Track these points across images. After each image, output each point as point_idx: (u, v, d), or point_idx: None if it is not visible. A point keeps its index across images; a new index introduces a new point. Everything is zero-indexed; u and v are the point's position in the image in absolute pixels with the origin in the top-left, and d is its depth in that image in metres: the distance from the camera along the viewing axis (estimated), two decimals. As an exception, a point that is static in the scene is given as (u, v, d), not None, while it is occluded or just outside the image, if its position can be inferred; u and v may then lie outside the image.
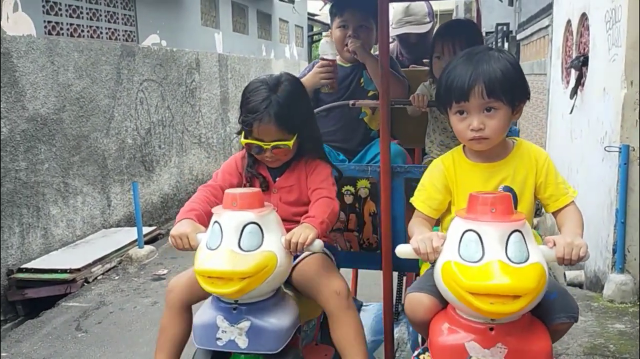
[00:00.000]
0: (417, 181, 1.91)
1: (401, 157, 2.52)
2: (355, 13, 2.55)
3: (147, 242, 5.61)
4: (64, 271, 4.71)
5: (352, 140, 2.62)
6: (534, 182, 1.75)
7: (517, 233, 1.43)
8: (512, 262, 1.40)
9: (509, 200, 1.48)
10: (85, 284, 4.77)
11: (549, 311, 1.59)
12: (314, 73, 2.50)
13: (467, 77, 1.64)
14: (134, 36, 6.65)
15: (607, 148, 3.85)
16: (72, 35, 5.61)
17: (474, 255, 1.43)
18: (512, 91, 1.65)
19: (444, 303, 1.59)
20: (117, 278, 4.97)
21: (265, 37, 12.16)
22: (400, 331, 2.66)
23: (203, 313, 1.75)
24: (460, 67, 1.68)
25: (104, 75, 6.02)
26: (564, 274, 4.26)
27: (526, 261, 1.41)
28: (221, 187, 2.01)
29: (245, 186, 2.04)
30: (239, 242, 1.63)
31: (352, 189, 2.33)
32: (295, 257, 1.92)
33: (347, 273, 3.41)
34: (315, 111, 2.38)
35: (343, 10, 2.57)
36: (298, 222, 1.95)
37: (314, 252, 1.88)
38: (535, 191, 1.76)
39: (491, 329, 1.46)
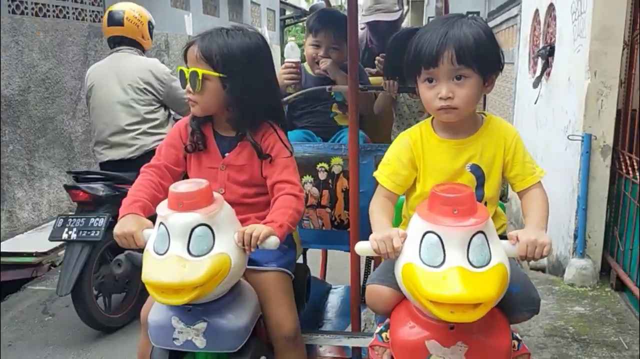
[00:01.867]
0: None
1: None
2: (328, 35, 2.63)
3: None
4: (30, 254, 4.61)
5: (323, 134, 2.70)
6: (502, 160, 1.71)
7: (479, 234, 1.39)
8: (474, 267, 1.37)
9: (472, 199, 1.43)
10: (52, 267, 4.70)
11: (511, 305, 1.59)
12: (279, 74, 2.56)
13: (437, 41, 1.55)
14: (102, 16, 6.51)
15: (570, 137, 3.95)
16: (37, 15, 5.47)
17: (434, 259, 1.39)
18: (484, 59, 1.58)
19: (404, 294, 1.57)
20: (84, 261, 4.90)
21: (236, 20, 12.03)
22: (368, 313, 2.71)
23: (157, 312, 1.67)
24: (430, 31, 1.59)
25: (70, 56, 5.89)
26: (527, 259, 4.37)
27: (488, 263, 1.38)
28: (166, 166, 1.90)
29: (188, 157, 1.94)
30: (187, 247, 1.51)
31: (326, 166, 2.39)
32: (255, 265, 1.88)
33: (316, 257, 3.46)
34: (289, 98, 2.44)
35: (318, 31, 2.66)
36: (248, 205, 1.89)
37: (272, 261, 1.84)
38: (503, 169, 1.73)
39: (451, 328, 1.45)
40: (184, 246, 1.50)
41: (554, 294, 3.87)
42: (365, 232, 2.05)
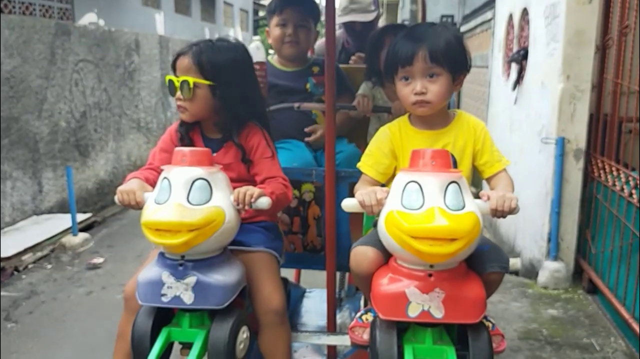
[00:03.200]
0: None
1: (359, 157, 2.54)
2: (295, 12, 2.53)
3: (82, 230, 5.40)
4: (-8, 259, 4.47)
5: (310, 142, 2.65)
6: (472, 149, 1.90)
7: (454, 184, 1.54)
8: (450, 209, 1.49)
9: (447, 154, 1.61)
10: (15, 273, 4.54)
11: (482, 261, 1.72)
12: None
13: (413, 43, 1.77)
14: (70, 14, 6.37)
15: (543, 140, 3.97)
16: (2, 12, 5.30)
17: (415, 203, 1.52)
18: (454, 59, 1.79)
19: (386, 257, 1.68)
20: (49, 266, 4.76)
21: (208, 20, 11.91)
22: (343, 317, 2.68)
23: (148, 270, 1.74)
24: (406, 38, 1.82)
25: (36, 54, 5.71)
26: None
27: (462, 209, 1.51)
28: (160, 169, 1.96)
29: None
30: (187, 197, 1.64)
31: (297, 192, 2.35)
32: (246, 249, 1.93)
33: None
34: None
35: (283, 9, 2.54)
36: None
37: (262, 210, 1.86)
38: (473, 157, 1.90)
39: (430, 275, 1.55)
40: (184, 195, 1.63)
41: (527, 297, 3.88)
42: (340, 255, 2.05)
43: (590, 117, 3.85)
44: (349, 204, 1.66)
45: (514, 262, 4.40)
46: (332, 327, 2.24)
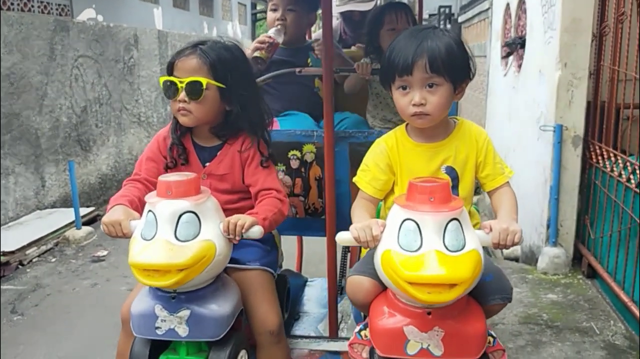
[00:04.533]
0: (361, 144, 1.92)
1: (365, 125, 2.58)
2: None
3: (85, 224, 5.43)
4: (-3, 253, 4.51)
5: (312, 113, 2.66)
6: (475, 161, 1.79)
7: (454, 221, 1.45)
8: (449, 251, 1.42)
9: (447, 188, 1.50)
10: (20, 266, 4.58)
11: (484, 293, 1.65)
12: (252, 48, 2.52)
13: (412, 51, 1.64)
14: (68, 10, 6.38)
15: (542, 127, 4.00)
16: (1, 8, 5.32)
17: (412, 244, 1.44)
18: (455, 68, 1.67)
19: (384, 285, 1.61)
20: (53, 260, 4.80)
21: (207, 14, 11.90)
22: (344, 304, 2.71)
23: (140, 302, 1.69)
24: (404, 42, 1.69)
25: (35, 50, 5.73)
26: (501, 250, 4.42)
27: (462, 248, 1.43)
28: (147, 180, 1.90)
29: (169, 169, 1.94)
30: (175, 232, 1.55)
31: (298, 153, 2.35)
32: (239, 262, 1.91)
33: (292, 251, 3.43)
34: (262, 78, 2.40)
35: None
36: (231, 211, 1.87)
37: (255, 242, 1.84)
38: (475, 169, 1.80)
39: (429, 313, 1.50)
40: (171, 232, 1.55)
41: (527, 282, 3.91)
42: (341, 219, 2.05)
43: (588, 105, 3.88)
44: (343, 238, 1.58)
45: (514, 249, 4.44)
46: (333, 333, 2.25)
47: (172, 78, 1.82)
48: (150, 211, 1.59)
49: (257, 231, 1.66)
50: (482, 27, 7.32)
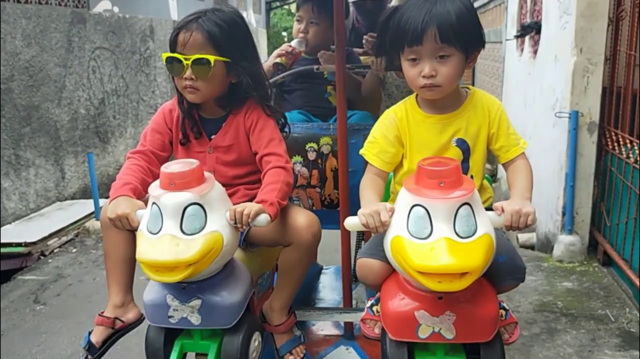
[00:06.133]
0: None
1: (373, 120, 2.60)
2: (309, 10, 2.66)
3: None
4: (19, 244, 4.60)
5: (321, 117, 2.70)
6: (487, 133, 1.74)
7: (465, 206, 1.41)
8: (460, 237, 1.39)
9: (457, 172, 1.45)
10: (42, 257, 4.68)
11: (497, 274, 1.62)
12: (274, 55, 2.59)
13: (421, 19, 1.57)
14: (85, 2, 6.43)
15: (557, 114, 3.97)
16: (19, 2, 5.39)
17: (422, 231, 1.41)
18: (466, 37, 1.61)
19: (393, 268, 1.59)
20: (74, 250, 4.90)
21: (221, 3, 11.91)
22: (359, 291, 2.75)
23: (152, 291, 1.69)
24: (413, 9, 1.61)
25: (53, 43, 5.81)
26: (517, 237, 4.42)
27: (474, 234, 1.40)
28: (152, 152, 1.88)
29: (175, 142, 1.93)
30: (180, 226, 1.52)
31: (315, 145, 2.41)
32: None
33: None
34: (277, 78, 2.44)
35: (300, 5, 2.70)
36: (238, 186, 1.90)
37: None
38: (488, 141, 1.76)
39: (440, 298, 1.49)
40: (176, 225, 1.52)
41: (542, 270, 3.91)
42: (355, 210, 2.06)
43: (604, 90, 3.84)
44: (352, 224, 1.56)
45: (530, 237, 4.43)
46: (348, 303, 2.29)
47: (176, 55, 1.76)
48: (154, 203, 1.56)
49: (263, 220, 1.62)
50: (497, 12, 7.24)
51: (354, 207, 2.11)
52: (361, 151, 1.82)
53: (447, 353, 1.58)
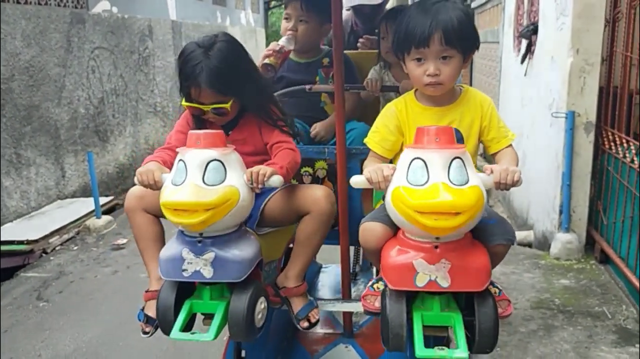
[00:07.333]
0: None
1: None
2: (296, 8, 2.61)
3: (104, 213, 5.56)
4: (21, 242, 4.64)
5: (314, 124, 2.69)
6: (479, 125, 1.91)
7: (458, 160, 1.56)
8: (454, 184, 1.52)
9: (451, 131, 1.62)
10: (44, 255, 4.72)
11: (489, 234, 1.75)
12: (262, 56, 2.55)
13: (427, 25, 1.76)
14: (84, 3, 6.45)
15: (554, 114, 4.02)
16: (18, 2, 5.41)
17: (420, 179, 1.55)
18: (466, 40, 1.80)
19: (394, 230, 1.72)
20: (75, 248, 4.93)
21: (220, 3, 11.93)
22: (358, 291, 2.77)
23: (169, 247, 1.80)
24: (419, 15, 1.80)
25: (53, 43, 5.84)
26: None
27: (466, 183, 1.54)
28: (177, 147, 1.97)
29: None
30: (203, 178, 1.68)
31: (310, 170, 2.40)
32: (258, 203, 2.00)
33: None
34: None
35: (288, 3, 2.65)
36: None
37: (275, 188, 1.94)
38: (479, 133, 1.92)
39: (436, 247, 1.60)
40: (199, 176, 1.68)
41: (540, 268, 3.96)
42: (352, 231, 2.12)
43: (601, 90, 3.89)
44: (357, 181, 1.71)
45: (527, 235, 4.48)
46: (346, 295, 2.32)
47: (195, 105, 1.96)
48: (180, 160, 1.73)
49: (277, 180, 1.78)
50: (495, 12, 7.28)
51: (352, 227, 2.16)
52: (365, 139, 1.98)
53: (443, 309, 1.69)
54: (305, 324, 2.08)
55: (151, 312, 1.98)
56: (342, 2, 2.09)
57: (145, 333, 2.00)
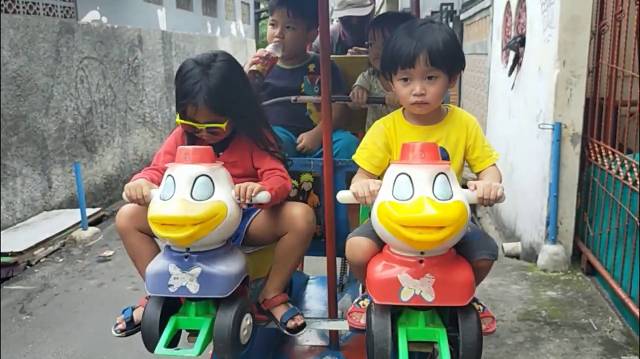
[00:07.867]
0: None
1: (357, 144, 2.59)
2: (283, 14, 2.59)
3: (91, 224, 5.51)
4: (5, 254, 4.58)
5: (300, 130, 2.67)
6: (464, 144, 1.96)
7: (442, 175, 1.59)
8: (438, 199, 1.55)
9: (435, 148, 1.67)
10: (28, 267, 4.67)
11: (472, 249, 1.78)
12: (249, 62, 2.53)
13: (413, 46, 1.81)
14: (73, 12, 6.44)
15: (541, 126, 4.04)
16: (6, 12, 5.39)
17: (405, 194, 1.58)
18: (451, 60, 1.85)
19: (380, 246, 1.74)
20: (61, 260, 4.88)
21: (210, 14, 11.96)
22: (345, 303, 2.77)
23: (155, 263, 1.81)
24: (406, 36, 1.85)
25: (41, 53, 5.81)
26: (502, 246, 4.46)
27: (450, 198, 1.57)
28: (164, 169, 1.98)
29: None
30: (191, 192, 1.70)
31: (296, 182, 2.40)
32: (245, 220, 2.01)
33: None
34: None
35: (274, 9, 2.64)
36: None
37: (261, 204, 1.92)
38: (464, 152, 1.96)
39: (421, 261, 1.62)
40: (187, 191, 1.71)
41: (527, 279, 3.96)
42: (339, 243, 2.12)
43: (587, 102, 3.91)
44: (344, 196, 1.73)
45: (515, 246, 4.48)
46: (333, 313, 2.31)
47: (190, 123, 1.95)
48: (169, 175, 1.75)
49: (264, 196, 1.80)
50: (483, 24, 7.33)
51: (338, 240, 2.15)
52: (353, 156, 2.01)
53: (428, 325, 1.70)
54: (292, 324, 2.06)
55: (137, 316, 1.98)
56: (329, 8, 2.09)
57: (119, 329, 2.03)
